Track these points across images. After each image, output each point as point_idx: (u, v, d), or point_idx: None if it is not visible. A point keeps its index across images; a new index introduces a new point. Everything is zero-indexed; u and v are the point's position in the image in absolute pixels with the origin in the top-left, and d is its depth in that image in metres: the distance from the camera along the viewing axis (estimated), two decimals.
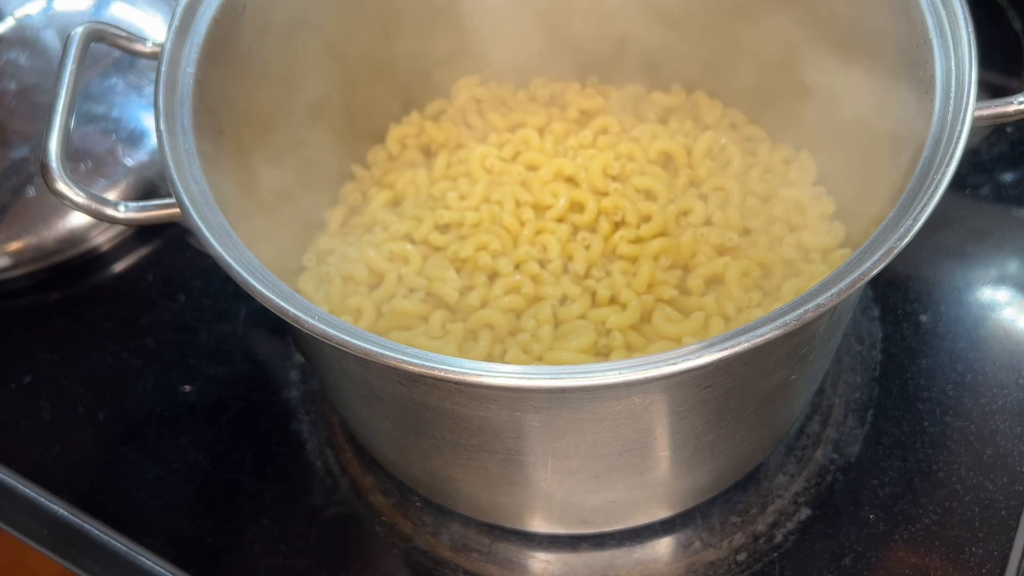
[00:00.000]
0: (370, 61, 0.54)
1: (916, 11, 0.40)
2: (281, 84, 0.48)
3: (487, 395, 0.35)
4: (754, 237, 0.50)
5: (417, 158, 0.57)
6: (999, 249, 0.56)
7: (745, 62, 0.54)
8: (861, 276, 0.33)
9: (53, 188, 0.37)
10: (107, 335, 0.57)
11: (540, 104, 0.58)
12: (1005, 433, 0.49)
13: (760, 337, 0.31)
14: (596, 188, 0.53)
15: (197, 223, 0.36)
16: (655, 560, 0.47)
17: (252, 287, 0.34)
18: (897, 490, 0.48)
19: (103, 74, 0.62)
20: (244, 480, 0.51)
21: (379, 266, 0.50)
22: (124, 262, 0.60)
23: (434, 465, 0.44)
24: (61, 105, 0.39)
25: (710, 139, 0.54)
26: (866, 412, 0.51)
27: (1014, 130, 0.62)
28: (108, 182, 0.59)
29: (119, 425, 0.53)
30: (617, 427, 0.37)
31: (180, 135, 0.39)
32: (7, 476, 0.51)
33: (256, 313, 0.57)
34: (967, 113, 0.37)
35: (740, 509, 0.48)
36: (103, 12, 0.63)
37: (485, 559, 0.48)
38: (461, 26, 0.56)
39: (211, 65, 0.42)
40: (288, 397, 0.54)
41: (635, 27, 0.56)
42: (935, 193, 0.34)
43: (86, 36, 0.42)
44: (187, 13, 0.42)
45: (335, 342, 0.32)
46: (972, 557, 0.46)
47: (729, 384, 0.36)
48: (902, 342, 0.53)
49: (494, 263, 0.50)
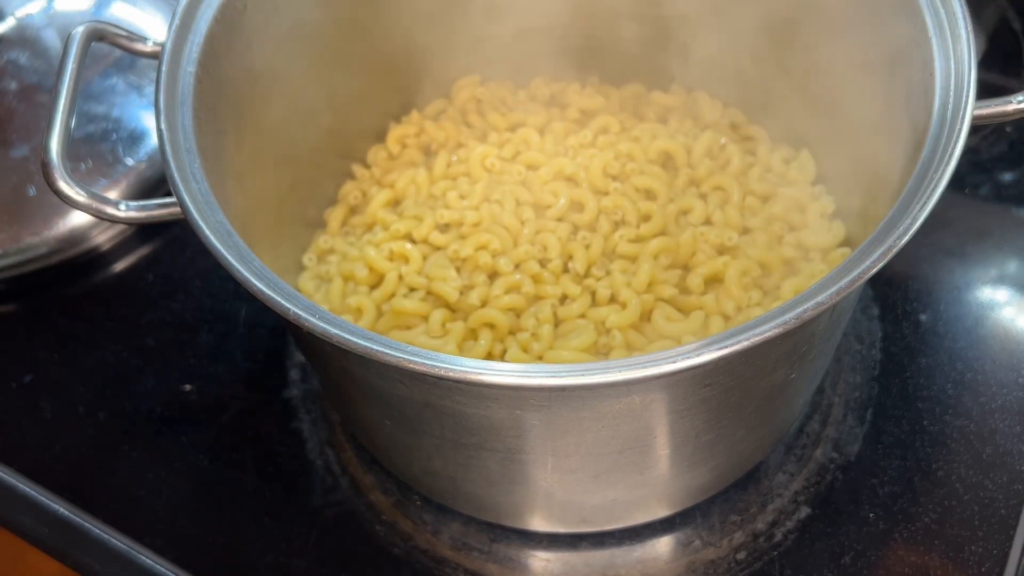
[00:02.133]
0: (370, 61, 0.54)
1: (916, 11, 0.40)
2: (281, 84, 0.48)
3: (487, 394, 0.35)
4: (754, 236, 0.50)
5: (417, 158, 0.57)
6: (998, 249, 0.56)
7: (745, 62, 0.54)
8: (861, 275, 0.33)
9: (54, 187, 0.38)
10: (107, 335, 0.57)
11: (540, 104, 0.58)
12: (1005, 432, 0.49)
13: (760, 336, 0.31)
14: (596, 188, 0.53)
15: (197, 223, 0.36)
16: (655, 559, 0.47)
17: (253, 286, 0.34)
18: (897, 489, 0.48)
19: (103, 74, 0.62)
20: (244, 479, 0.51)
21: (379, 265, 0.50)
22: (124, 262, 0.60)
23: (434, 464, 0.44)
24: (62, 105, 0.39)
25: (710, 139, 0.54)
26: (866, 411, 0.51)
27: (1013, 130, 0.62)
28: (108, 181, 0.59)
29: (119, 425, 0.53)
30: (617, 426, 0.37)
31: (180, 135, 0.39)
32: (7, 476, 0.51)
33: (256, 313, 0.57)
34: (966, 113, 0.37)
35: (740, 508, 0.48)
36: (103, 12, 0.63)
37: (485, 558, 0.48)
38: (461, 25, 0.56)
39: (211, 65, 0.42)
40: (288, 397, 0.54)
41: (635, 27, 0.56)
42: (934, 192, 0.34)
43: (86, 36, 0.42)
44: (187, 13, 0.42)
45: (335, 341, 0.32)
46: (972, 556, 0.46)
47: (729, 383, 0.37)
48: (902, 341, 0.53)
49: (494, 262, 0.50)
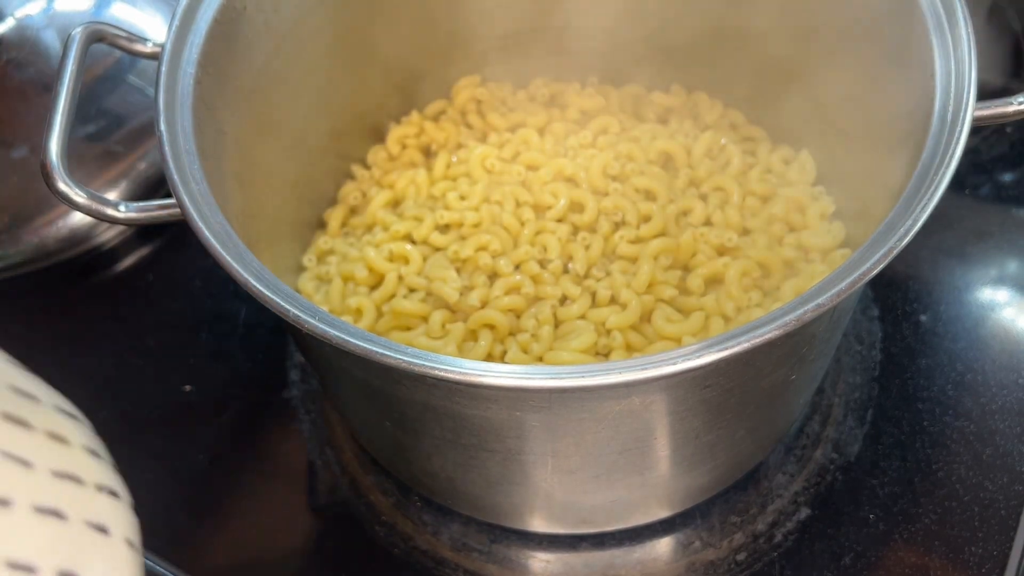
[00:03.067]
0: (370, 61, 0.54)
1: (916, 11, 0.40)
2: (281, 84, 0.48)
3: (487, 395, 0.35)
4: (754, 237, 0.50)
5: (417, 158, 0.57)
6: (999, 249, 0.56)
7: (745, 62, 0.54)
8: (861, 276, 0.33)
9: (54, 188, 0.37)
10: (107, 335, 0.57)
11: (540, 104, 0.58)
12: (1005, 433, 0.49)
13: (760, 337, 0.31)
14: (596, 188, 0.53)
15: (197, 223, 0.36)
16: (655, 560, 0.47)
17: (252, 287, 0.34)
18: (897, 490, 0.48)
19: (103, 74, 0.62)
20: (244, 480, 0.51)
21: (379, 266, 0.50)
22: (125, 262, 0.60)
23: (434, 465, 0.44)
24: (61, 105, 0.39)
25: (710, 139, 0.54)
26: (866, 412, 0.51)
27: (1014, 130, 0.62)
28: (108, 182, 0.59)
29: (119, 425, 0.53)
30: (617, 427, 0.37)
31: (180, 135, 0.39)
32: None
33: (256, 313, 0.57)
34: (967, 113, 0.37)
35: (740, 509, 0.48)
36: (103, 12, 0.63)
37: (485, 559, 0.48)
38: (461, 26, 0.56)
39: (211, 65, 0.42)
40: (288, 397, 0.54)
41: (635, 27, 0.56)
42: (935, 193, 0.34)
43: (86, 36, 0.42)
44: (187, 13, 0.42)
45: (335, 342, 0.32)
46: (972, 557, 0.46)
47: (729, 384, 0.36)
48: (902, 342, 0.53)
49: (494, 263, 0.50)
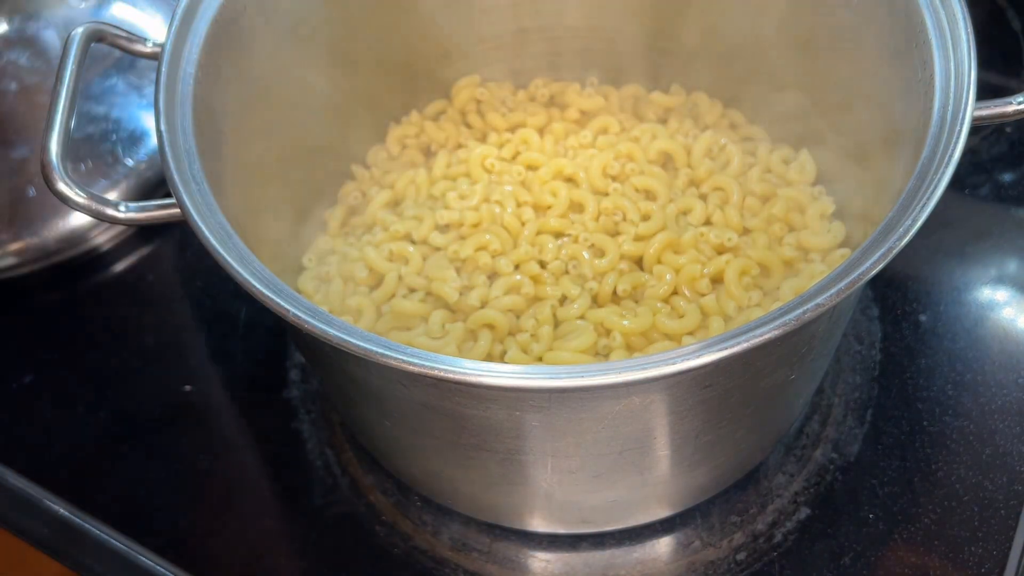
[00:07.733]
0: (369, 61, 0.54)
1: (916, 11, 0.40)
2: (281, 84, 0.48)
3: (487, 395, 0.35)
4: (754, 237, 0.50)
5: (417, 158, 0.57)
6: (998, 249, 0.56)
7: (744, 62, 0.54)
8: (860, 276, 0.33)
9: (53, 188, 0.37)
10: (107, 335, 0.57)
11: (540, 104, 0.58)
12: (1004, 433, 0.49)
13: (760, 337, 0.31)
14: (596, 188, 0.53)
15: (197, 223, 0.36)
16: (655, 559, 0.47)
17: (252, 287, 0.34)
18: (896, 490, 0.48)
19: (103, 74, 0.62)
20: (244, 480, 0.51)
21: (379, 266, 0.50)
22: (124, 262, 0.60)
23: (434, 465, 0.44)
24: (61, 105, 0.39)
25: (710, 139, 0.54)
26: (865, 412, 0.51)
27: (1013, 130, 0.62)
28: (108, 182, 0.59)
29: (119, 425, 0.53)
30: (617, 427, 0.37)
31: (180, 135, 0.39)
32: (7, 476, 0.51)
33: (256, 313, 0.57)
34: (966, 113, 0.37)
35: (740, 508, 0.48)
36: (103, 12, 0.63)
37: (485, 559, 0.48)
38: (461, 26, 0.56)
39: (211, 65, 0.42)
40: (288, 397, 0.54)
41: (635, 27, 0.56)
42: (934, 193, 0.34)
43: (86, 36, 0.42)
44: (187, 13, 0.42)
45: (335, 342, 0.32)
46: (971, 556, 0.46)
47: (729, 384, 0.36)
48: (901, 342, 0.53)
49: (494, 263, 0.50)
